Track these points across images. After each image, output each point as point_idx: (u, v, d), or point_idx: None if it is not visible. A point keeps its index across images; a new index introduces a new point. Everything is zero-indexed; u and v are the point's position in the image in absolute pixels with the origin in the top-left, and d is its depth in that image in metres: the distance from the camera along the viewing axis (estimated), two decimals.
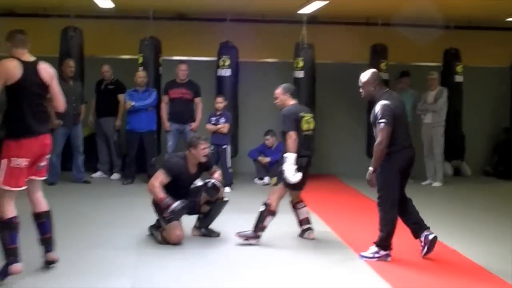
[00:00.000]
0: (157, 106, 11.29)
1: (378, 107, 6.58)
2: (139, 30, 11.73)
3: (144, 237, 7.42)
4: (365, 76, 6.87)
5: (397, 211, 6.68)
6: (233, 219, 8.09)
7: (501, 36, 13.04)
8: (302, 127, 7.21)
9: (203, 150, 7.36)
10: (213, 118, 10.85)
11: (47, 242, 5.95)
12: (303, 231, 7.62)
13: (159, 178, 7.19)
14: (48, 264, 5.94)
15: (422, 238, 6.81)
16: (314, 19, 12.05)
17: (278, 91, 7.49)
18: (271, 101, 11.17)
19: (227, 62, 11.68)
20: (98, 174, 11.82)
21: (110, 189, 10.84)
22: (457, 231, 8.25)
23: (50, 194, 9.55)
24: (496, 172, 13.35)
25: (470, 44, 12.71)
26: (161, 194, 7.09)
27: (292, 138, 7.07)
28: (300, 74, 11.72)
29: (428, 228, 6.86)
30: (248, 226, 7.23)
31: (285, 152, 7.09)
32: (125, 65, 12.05)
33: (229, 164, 10.86)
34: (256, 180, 11.83)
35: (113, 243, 7.12)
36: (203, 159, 7.41)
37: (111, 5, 10.82)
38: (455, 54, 12.42)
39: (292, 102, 7.40)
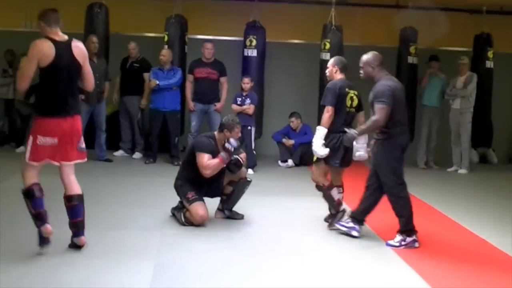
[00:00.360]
0: (182, 85, 11.16)
1: (378, 87, 6.57)
2: (165, 7, 11.59)
3: (167, 218, 7.29)
4: (366, 56, 6.86)
5: (407, 190, 6.67)
6: (257, 202, 7.98)
7: None
8: (346, 103, 7.01)
9: (237, 134, 7.22)
10: (239, 99, 10.72)
11: (77, 226, 5.85)
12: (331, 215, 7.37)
13: (205, 157, 6.98)
14: (77, 248, 5.84)
15: (351, 224, 6.85)
16: (343, 1, 11.85)
17: (330, 62, 7.32)
18: (297, 82, 11.07)
19: (254, 43, 11.53)
20: (119, 152, 11.73)
21: (132, 168, 10.75)
22: (483, 219, 8.11)
23: None
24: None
25: (501, 30, 12.43)
26: (215, 161, 6.96)
27: (328, 113, 6.90)
28: (327, 56, 11.49)
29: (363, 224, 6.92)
30: (272, 209, 7.06)
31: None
32: (150, 43, 11.96)
33: (253, 145, 10.73)
34: (280, 163, 11.71)
35: (136, 224, 7.01)
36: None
37: None
38: (487, 39, 12.17)
39: (339, 76, 7.18)
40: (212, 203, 7.36)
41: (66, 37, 5.69)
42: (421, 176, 11.27)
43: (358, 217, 6.88)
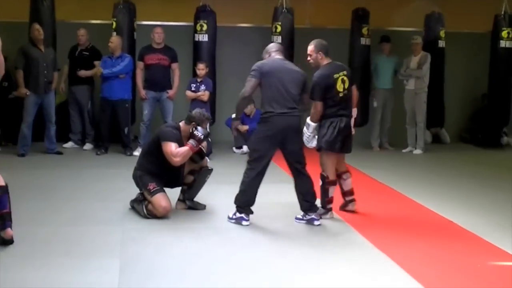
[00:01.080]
0: (133, 73, 10.86)
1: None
2: None
3: (127, 211, 7.05)
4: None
5: (260, 180, 6.69)
6: (216, 190, 7.79)
7: (484, 0, 12.74)
8: (337, 89, 6.83)
9: (205, 128, 7.07)
10: (193, 85, 10.49)
11: (2, 218, 5.52)
12: (346, 203, 7.30)
13: (172, 146, 6.73)
14: (5, 243, 5.53)
15: (307, 217, 6.81)
16: None
17: (310, 48, 7.00)
18: (250, 67, 10.86)
19: (205, 27, 11.27)
20: (69, 144, 11.40)
21: (84, 160, 10.44)
22: (444, 199, 8.12)
23: (21, 166, 9.37)
24: (474, 139, 13.21)
25: (451, 9, 12.40)
26: (184, 148, 6.76)
27: (317, 108, 6.83)
28: (278, 39, 11.35)
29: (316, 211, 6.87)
30: (232, 197, 6.86)
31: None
32: (98, 31, 11.62)
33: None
34: (235, 149, 11.52)
35: (94, 218, 6.76)
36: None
37: None
38: (438, 19, 12.13)
39: (326, 61, 6.94)
40: (173, 194, 7.15)
41: None
42: (377, 158, 11.26)
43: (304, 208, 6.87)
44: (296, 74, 6.72)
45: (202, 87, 10.42)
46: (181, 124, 7.02)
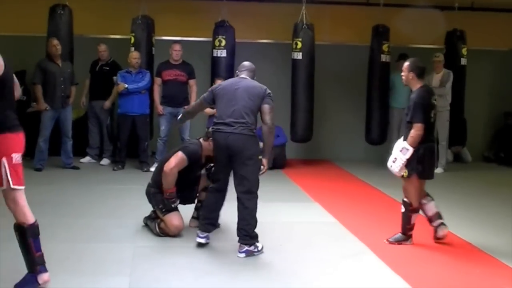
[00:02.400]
0: (150, 88, 10.82)
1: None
2: (131, 8, 11.21)
3: (139, 228, 6.97)
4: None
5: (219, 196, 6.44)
6: (229, 208, 7.64)
7: (506, 17, 12.58)
8: (430, 114, 6.58)
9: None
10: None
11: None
12: (435, 228, 6.86)
13: (179, 163, 6.62)
14: None
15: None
16: None
17: (405, 65, 6.74)
18: (269, 83, 10.75)
19: (223, 43, 11.19)
20: (86, 159, 11.35)
21: (101, 175, 10.36)
22: (464, 220, 7.95)
23: (37, 181, 9.31)
24: (497, 158, 13.02)
25: (473, 26, 12.25)
26: (173, 183, 6.63)
27: (420, 131, 6.43)
28: (298, 55, 11.26)
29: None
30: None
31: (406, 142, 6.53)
32: (116, 45, 11.57)
33: None
34: None
35: (107, 236, 6.68)
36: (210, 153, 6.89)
37: None
38: (460, 36, 11.96)
39: (419, 84, 6.66)
40: (187, 210, 7.03)
41: None
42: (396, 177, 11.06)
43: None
44: (253, 89, 6.35)
45: None
46: (201, 141, 6.90)
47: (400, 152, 6.52)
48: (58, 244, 5.88)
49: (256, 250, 6.20)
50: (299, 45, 11.22)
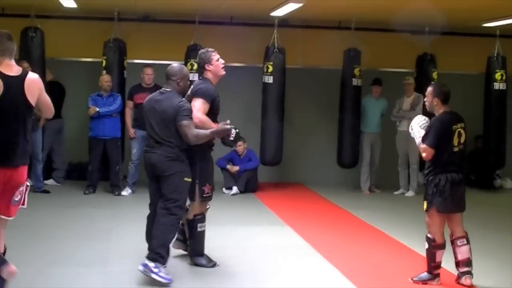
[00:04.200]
0: (121, 111, 10.79)
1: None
2: (103, 31, 11.23)
3: (110, 252, 6.89)
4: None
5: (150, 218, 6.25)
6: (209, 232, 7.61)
7: (476, 42, 12.71)
8: (453, 142, 6.22)
9: (218, 60, 6.77)
10: None
11: None
12: (460, 275, 6.31)
13: (201, 107, 6.31)
14: None
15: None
16: (285, 22, 11.63)
17: (429, 90, 6.38)
18: (240, 106, 10.88)
19: (195, 66, 11.17)
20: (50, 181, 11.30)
21: (72, 198, 10.25)
22: None
23: None
24: (468, 180, 13.10)
25: (444, 50, 12.38)
26: (212, 124, 6.34)
27: (426, 153, 6.14)
28: (269, 79, 11.28)
29: None
30: (217, 239, 6.69)
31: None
32: (88, 68, 11.54)
33: None
34: (224, 190, 11.37)
35: (75, 260, 6.61)
36: (223, 71, 6.84)
37: (73, 5, 10.26)
38: (431, 60, 12.05)
39: (442, 109, 6.30)
40: None
41: (19, 71, 4.93)
42: (367, 201, 11.13)
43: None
44: (167, 109, 6.06)
45: None
46: (204, 75, 6.75)
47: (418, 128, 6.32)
48: (24, 268, 5.79)
49: (155, 271, 5.82)
50: (270, 68, 11.25)
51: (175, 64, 6.39)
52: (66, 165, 11.63)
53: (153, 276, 5.80)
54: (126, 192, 10.61)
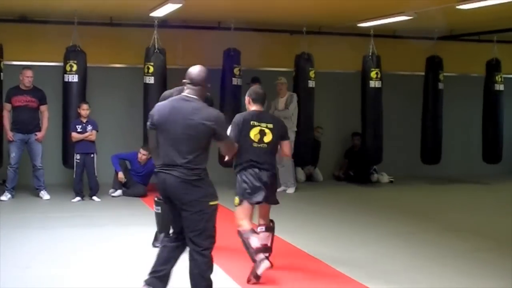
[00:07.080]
0: None
1: None
2: None
3: None
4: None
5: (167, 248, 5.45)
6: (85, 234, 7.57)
7: (352, 41, 13.10)
8: (251, 138, 6.32)
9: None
10: (79, 126, 10.50)
11: None
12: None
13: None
14: None
15: None
16: (165, 23, 11.67)
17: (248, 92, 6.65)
18: (122, 107, 10.82)
19: (74, 68, 11.02)
20: None
21: None
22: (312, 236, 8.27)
23: None
24: (347, 176, 13.52)
25: (321, 50, 12.69)
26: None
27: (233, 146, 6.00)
28: (150, 80, 11.26)
29: None
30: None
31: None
32: None
33: (96, 172, 10.60)
34: (111, 191, 11.13)
35: None
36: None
37: None
38: (308, 59, 12.32)
39: (253, 107, 6.53)
40: None
41: None
42: None
43: None
44: (192, 121, 5.15)
45: (89, 127, 10.51)
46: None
47: None
48: None
49: None
50: (151, 69, 11.25)
51: (199, 67, 5.38)
52: None
53: None
54: (5, 197, 10.36)
